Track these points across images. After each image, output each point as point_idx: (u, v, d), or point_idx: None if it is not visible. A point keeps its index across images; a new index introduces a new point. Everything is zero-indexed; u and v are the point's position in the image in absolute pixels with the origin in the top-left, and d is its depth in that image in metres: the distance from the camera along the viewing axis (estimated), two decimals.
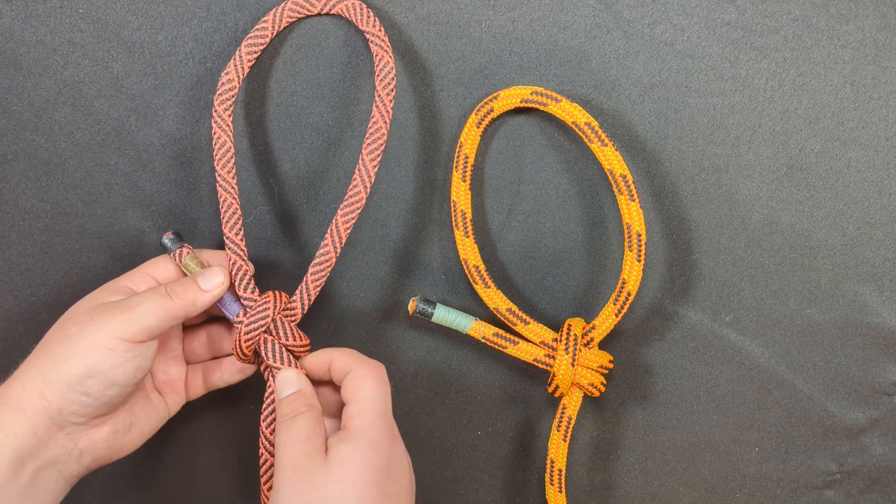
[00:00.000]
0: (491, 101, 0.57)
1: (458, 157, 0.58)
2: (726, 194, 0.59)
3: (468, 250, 0.58)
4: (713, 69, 0.58)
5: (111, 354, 0.48)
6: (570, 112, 0.56)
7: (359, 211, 0.55)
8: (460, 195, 0.58)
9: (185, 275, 0.55)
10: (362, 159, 0.55)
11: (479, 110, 0.57)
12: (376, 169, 0.55)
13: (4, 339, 0.60)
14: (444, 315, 0.57)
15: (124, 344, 0.49)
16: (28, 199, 0.59)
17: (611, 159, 0.56)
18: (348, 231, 0.55)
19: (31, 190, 0.59)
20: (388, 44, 0.56)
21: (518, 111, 0.58)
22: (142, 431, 0.54)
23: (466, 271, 0.58)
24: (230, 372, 0.58)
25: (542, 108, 0.56)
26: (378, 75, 0.56)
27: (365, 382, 0.50)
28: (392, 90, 0.56)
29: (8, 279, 0.60)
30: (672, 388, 0.62)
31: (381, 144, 0.55)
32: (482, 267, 0.58)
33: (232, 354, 0.57)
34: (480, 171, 0.59)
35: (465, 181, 0.58)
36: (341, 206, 0.55)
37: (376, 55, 0.56)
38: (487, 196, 0.60)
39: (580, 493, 0.63)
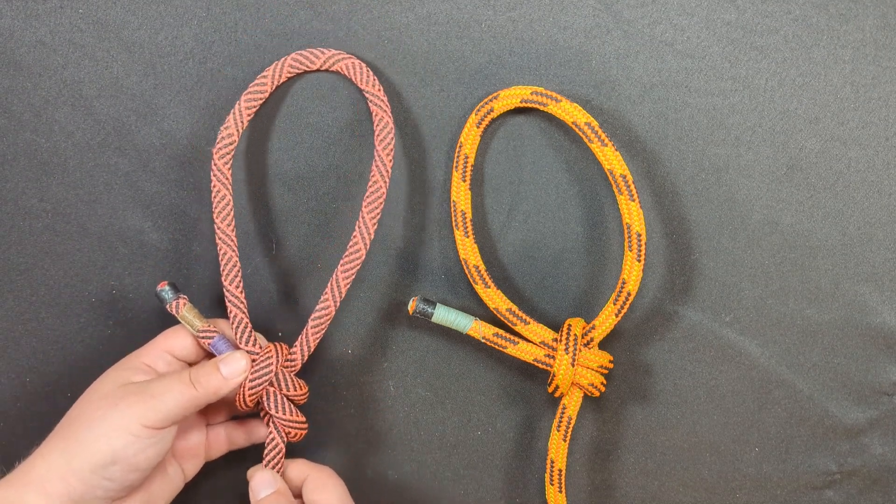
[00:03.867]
0: (491, 101, 0.57)
1: (458, 157, 0.58)
2: (726, 194, 0.59)
3: (468, 250, 0.58)
4: (713, 69, 0.58)
5: (135, 441, 0.49)
6: (570, 112, 0.56)
7: (358, 267, 0.57)
8: (460, 195, 0.58)
9: (194, 331, 0.55)
10: (362, 216, 0.56)
11: (479, 110, 0.57)
12: (376, 227, 0.56)
13: (4, 340, 0.60)
14: (444, 315, 0.57)
15: (147, 431, 0.49)
16: (28, 199, 0.59)
17: (611, 159, 0.56)
18: (348, 286, 0.57)
19: (31, 190, 0.59)
20: (388, 104, 0.56)
21: (518, 111, 0.58)
22: None
23: (466, 271, 0.58)
24: (256, 436, 0.58)
25: (542, 108, 0.56)
26: (378, 135, 0.56)
27: (326, 483, 0.55)
28: (391, 150, 0.56)
29: (8, 279, 0.60)
30: (672, 388, 0.62)
31: (381, 203, 0.56)
32: (482, 267, 0.58)
33: (255, 416, 0.58)
34: (480, 171, 0.59)
35: (465, 181, 0.58)
36: (341, 261, 0.56)
37: (375, 115, 0.56)
38: (487, 196, 0.60)
39: (580, 493, 0.63)
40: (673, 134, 0.58)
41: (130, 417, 0.49)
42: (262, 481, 0.55)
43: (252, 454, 0.59)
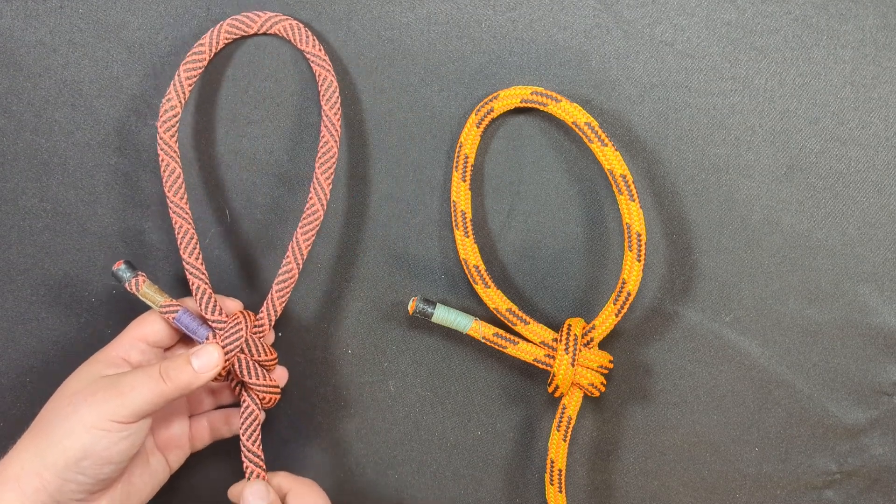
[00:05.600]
0: (491, 101, 0.57)
1: (458, 157, 0.58)
2: (726, 194, 0.59)
3: (468, 250, 0.58)
4: (713, 69, 0.58)
5: (105, 436, 0.49)
6: (570, 112, 0.56)
7: (318, 227, 0.57)
8: (460, 195, 0.58)
9: (156, 307, 0.55)
10: (316, 177, 0.56)
11: (479, 110, 0.57)
12: (330, 186, 0.57)
13: (4, 340, 0.60)
14: (444, 315, 0.57)
15: (117, 425, 0.49)
16: (28, 199, 0.59)
17: (611, 159, 0.56)
18: (308, 247, 0.57)
19: (31, 190, 0.59)
20: (329, 62, 0.57)
21: (518, 111, 0.58)
22: (139, 498, 0.54)
23: (466, 271, 0.58)
24: (238, 426, 0.58)
25: (542, 108, 0.56)
26: (323, 95, 0.57)
27: (307, 496, 0.55)
28: (338, 109, 0.57)
29: (8, 279, 0.60)
30: (672, 388, 0.62)
31: (333, 162, 0.57)
32: (482, 267, 0.58)
33: (239, 405, 0.58)
34: (480, 171, 0.59)
35: (465, 181, 0.58)
36: (300, 223, 0.56)
37: (318, 74, 0.57)
38: (487, 196, 0.60)
39: (580, 493, 0.63)
40: (673, 134, 0.58)
41: (100, 412, 0.49)
42: (256, 492, 0.54)
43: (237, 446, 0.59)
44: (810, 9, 0.57)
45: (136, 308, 0.60)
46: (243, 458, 0.56)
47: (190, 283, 0.55)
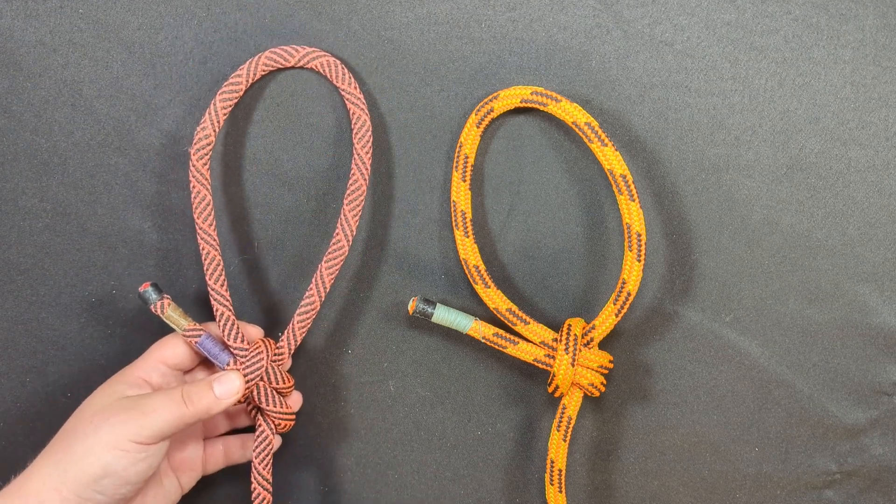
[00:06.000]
0: (491, 101, 0.57)
1: (458, 157, 0.58)
2: (726, 194, 0.59)
3: (468, 250, 0.58)
4: (713, 69, 0.58)
5: (124, 456, 0.50)
6: (570, 112, 0.56)
7: (342, 261, 0.57)
8: (460, 195, 0.58)
9: (180, 331, 0.55)
10: (344, 213, 0.57)
11: (479, 110, 0.57)
12: (357, 223, 0.57)
13: (4, 340, 0.60)
14: (444, 315, 0.57)
15: (137, 446, 0.50)
16: (28, 199, 0.59)
17: (611, 159, 0.56)
18: (332, 280, 0.57)
19: (31, 190, 0.59)
20: (364, 101, 0.57)
21: (518, 111, 0.58)
22: None
23: (466, 271, 0.58)
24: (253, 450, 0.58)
25: (542, 108, 0.56)
26: (356, 134, 0.57)
27: None
28: (370, 148, 0.57)
29: (8, 279, 0.60)
30: (672, 388, 0.62)
31: (362, 200, 0.57)
32: (482, 267, 0.58)
33: (254, 430, 0.58)
34: (480, 171, 0.59)
35: (465, 181, 0.58)
36: (325, 257, 0.57)
37: (352, 113, 0.57)
38: (487, 196, 0.60)
39: (580, 493, 0.63)
40: (673, 134, 0.58)
41: (121, 433, 0.50)
42: None
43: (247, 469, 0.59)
44: (810, 9, 0.57)
45: (134, 309, 0.60)
46: (252, 481, 0.56)
47: (214, 310, 0.56)
